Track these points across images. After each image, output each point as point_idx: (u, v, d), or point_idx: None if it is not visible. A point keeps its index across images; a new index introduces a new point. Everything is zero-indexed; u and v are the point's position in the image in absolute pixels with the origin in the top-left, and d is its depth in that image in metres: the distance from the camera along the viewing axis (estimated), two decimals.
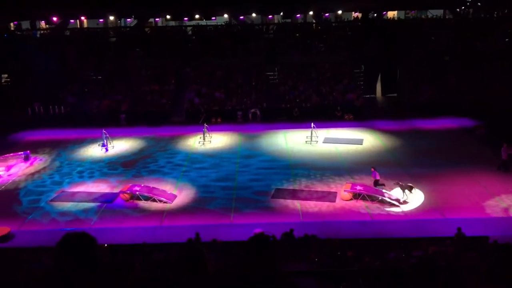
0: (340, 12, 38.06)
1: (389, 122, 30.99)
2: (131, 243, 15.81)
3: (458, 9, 39.00)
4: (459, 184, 21.07)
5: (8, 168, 24.50)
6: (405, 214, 18.66)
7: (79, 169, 24.57)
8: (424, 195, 20.05)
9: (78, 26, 40.78)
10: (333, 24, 39.76)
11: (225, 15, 38.18)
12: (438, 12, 40.72)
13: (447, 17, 40.59)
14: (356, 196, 19.79)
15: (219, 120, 32.39)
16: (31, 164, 25.42)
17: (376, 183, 20.73)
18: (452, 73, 34.63)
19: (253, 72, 36.36)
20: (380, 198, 19.43)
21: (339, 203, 19.67)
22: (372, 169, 21.12)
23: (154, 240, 16.25)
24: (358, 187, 20.03)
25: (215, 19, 38.39)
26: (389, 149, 26.35)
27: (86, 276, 2.92)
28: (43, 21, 38.17)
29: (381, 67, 37.04)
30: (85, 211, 19.72)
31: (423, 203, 19.40)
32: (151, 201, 20.16)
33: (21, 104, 32.96)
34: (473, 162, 23.41)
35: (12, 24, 37.93)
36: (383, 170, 22.76)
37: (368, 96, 36.64)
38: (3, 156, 25.62)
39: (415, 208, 19.01)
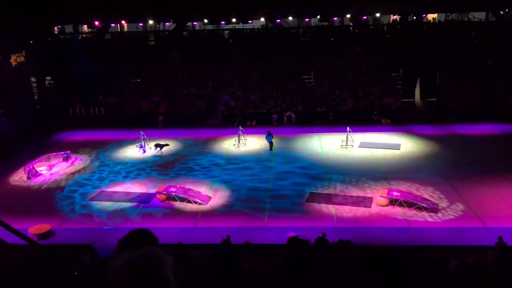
0: (378, 14, 37.49)
1: (428, 127, 30.23)
2: (166, 243, 16.04)
3: (501, 12, 37.72)
4: (501, 192, 20.36)
5: (50, 167, 25.36)
6: (443, 221, 18.19)
7: (117, 169, 25.15)
8: (465, 202, 19.51)
9: (119, 30, 41.84)
10: (371, 27, 39.24)
11: (262, 19, 38.29)
12: (481, 15, 39.54)
13: (489, 19, 39.35)
14: (393, 202, 19.40)
15: (254, 123, 32.46)
16: (72, 164, 26.20)
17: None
18: (495, 77, 33.52)
19: (289, 75, 36.30)
20: (418, 205, 19.03)
21: (374, 208, 19.36)
22: None
23: (189, 240, 16.42)
24: (395, 193, 19.65)
25: (251, 23, 38.57)
26: (428, 154, 25.73)
27: None
28: (85, 25, 39.30)
29: (420, 70, 36.26)
30: (122, 210, 20.19)
31: (462, 210, 18.87)
32: (186, 202, 20.43)
33: (63, 105, 34.09)
34: None
35: (56, 28, 39.25)
36: (421, 176, 22.33)
37: (406, 100, 35.92)
38: (45, 155, 26.52)
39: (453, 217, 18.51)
